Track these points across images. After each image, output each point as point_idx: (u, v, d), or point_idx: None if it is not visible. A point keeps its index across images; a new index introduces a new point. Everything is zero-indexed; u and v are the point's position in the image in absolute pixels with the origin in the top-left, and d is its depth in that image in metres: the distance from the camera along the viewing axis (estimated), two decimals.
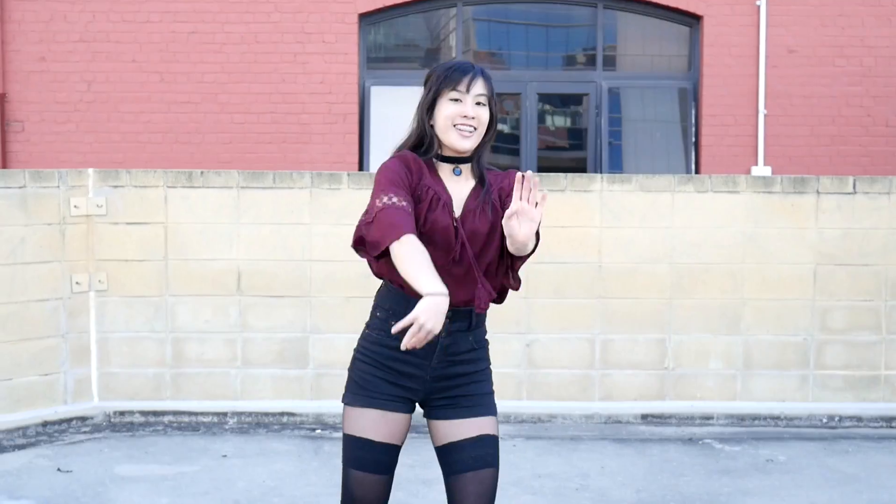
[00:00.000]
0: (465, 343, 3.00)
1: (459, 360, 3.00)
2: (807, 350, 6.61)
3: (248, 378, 6.52)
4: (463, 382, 3.01)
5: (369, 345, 3.01)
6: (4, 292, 6.11)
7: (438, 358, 2.97)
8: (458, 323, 2.97)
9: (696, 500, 4.99)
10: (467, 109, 2.93)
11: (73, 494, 5.01)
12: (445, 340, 2.96)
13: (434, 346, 2.93)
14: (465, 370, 3.01)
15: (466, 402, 3.00)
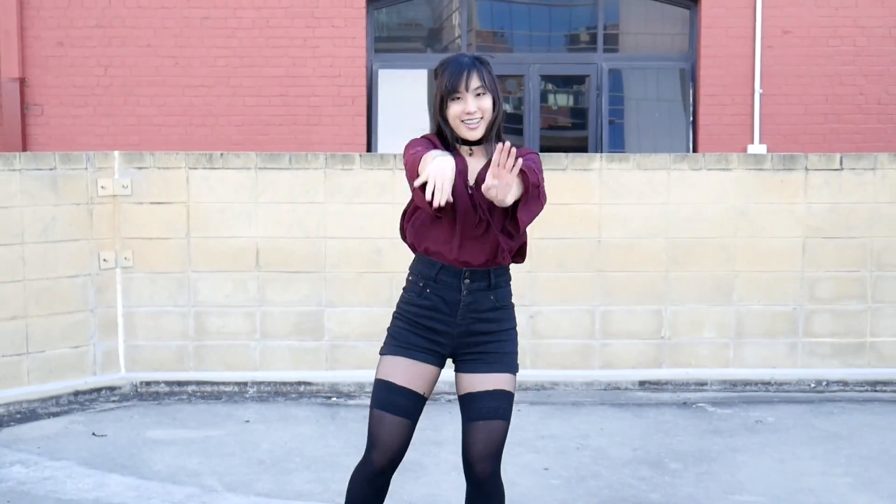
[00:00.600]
0: (487, 301, 3.32)
1: (483, 317, 3.32)
2: (796, 319, 6.96)
3: (267, 350, 6.88)
4: (486, 340, 3.33)
5: (403, 304, 3.37)
6: (37, 268, 6.47)
7: (462, 315, 3.30)
8: (478, 283, 3.30)
9: (689, 457, 5.36)
10: (469, 106, 3.26)
11: (108, 456, 5.39)
12: (467, 298, 3.29)
13: (458, 304, 3.29)
14: (488, 328, 3.33)
15: (489, 358, 3.32)
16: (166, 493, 4.80)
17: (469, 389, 3.31)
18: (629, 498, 4.75)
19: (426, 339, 3.32)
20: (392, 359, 3.33)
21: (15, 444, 5.61)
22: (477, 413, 3.28)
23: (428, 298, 3.29)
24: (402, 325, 3.35)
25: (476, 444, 3.28)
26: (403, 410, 3.28)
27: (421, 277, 3.33)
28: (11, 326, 6.40)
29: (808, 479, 5.02)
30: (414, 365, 3.31)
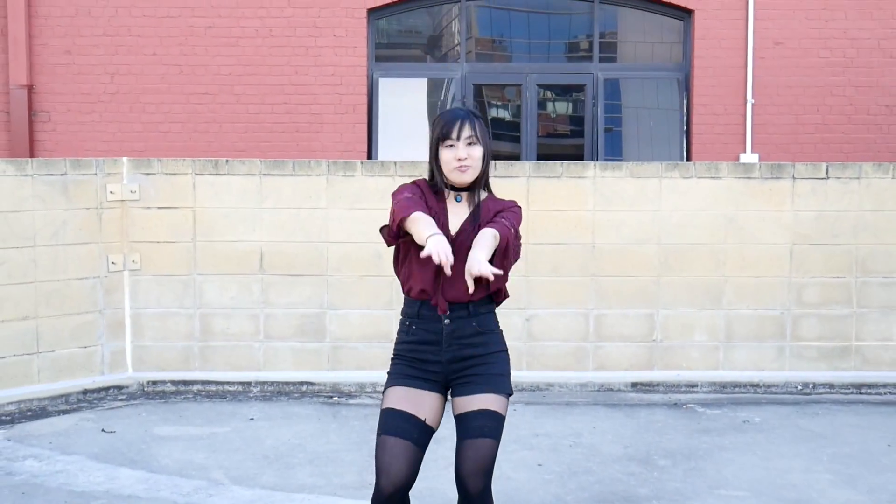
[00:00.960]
0: (469, 327, 3.53)
1: (467, 343, 3.53)
2: (783, 323, 7.17)
3: (270, 350, 7.09)
4: (474, 363, 3.53)
5: (397, 345, 3.62)
6: (48, 270, 6.68)
7: (447, 342, 3.52)
8: (457, 311, 3.52)
9: (678, 454, 5.57)
10: (460, 153, 3.48)
11: (118, 451, 5.59)
12: (449, 327, 3.51)
13: (441, 333, 3.51)
14: (474, 352, 3.53)
15: (477, 380, 3.51)
16: (175, 486, 5.01)
17: (460, 410, 3.50)
18: (619, 492, 4.96)
19: (420, 370, 3.53)
20: (392, 389, 3.53)
21: (27, 439, 5.82)
22: (466, 432, 3.45)
23: (414, 334, 3.53)
24: (399, 362, 3.58)
25: (466, 462, 3.43)
26: (406, 433, 3.41)
27: (407, 317, 3.57)
28: (23, 327, 6.61)
29: (791, 475, 5.23)
30: (413, 392, 3.50)
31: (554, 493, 4.93)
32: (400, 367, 3.56)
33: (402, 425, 3.43)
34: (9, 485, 5.02)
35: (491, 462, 3.44)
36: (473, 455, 3.41)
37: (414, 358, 3.54)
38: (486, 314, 3.57)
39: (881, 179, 7.14)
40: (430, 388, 3.52)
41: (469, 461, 3.41)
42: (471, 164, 3.50)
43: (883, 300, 7.16)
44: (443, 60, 11.35)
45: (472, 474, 3.40)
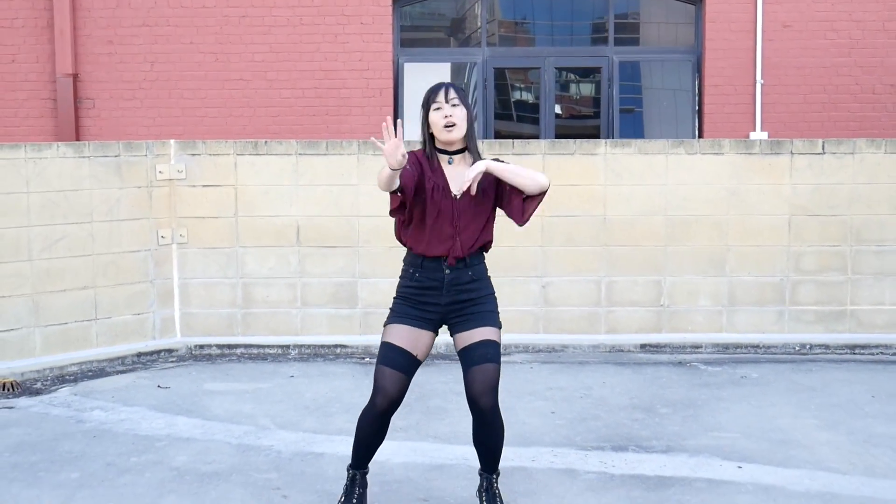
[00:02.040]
0: (465, 276, 4.18)
1: (463, 288, 4.18)
2: (783, 289, 7.71)
3: (307, 316, 7.70)
4: (469, 305, 4.18)
5: (401, 287, 4.26)
6: (104, 244, 7.32)
7: (447, 289, 4.16)
8: (456, 263, 4.16)
9: (678, 404, 6.14)
10: (446, 111, 4.09)
11: (174, 402, 6.22)
12: (449, 276, 4.16)
13: (442, 281, 4.15)
14: (469, 296, 4.18)
15: (474, 318, 4.17)
16: (227, 431, 5.63)
17: (463, 344, 4.16)
18: (622, 434, 5.54)
19: (420, 311, 4.18)
20: (393, 326, 4.19)
21: (91, 394, 6.46)
22: (472, 360, 4.11)
23: (418, 280, 4.17)
24: (401, 302, 4.22)
25: (476, 384, 4.09)
26: (400, 367, 4.11)
27: (410, 266, 4.21)
28: (82, 296, 7.25)
29: (779, 420, 5.78)
30: (410, 331, 4.17)
31: (564, 435, 5.52)
32: (402, 307, 4.19)
33: (399, 359, 4.12)
34: (81, 430, 5.65)
35: (496, 381, 4.09)
36: (482, 378, 4.06)
37: (416, 300, 4.17)
38: (479, 265, 4.24)
39: (874, 154, 7.64)
40: (426, 327, 4.17)
41: (478, 383, 4.06)
42: (457, 122, 4.09)
43: (876, 267, 7.68)
44: (465, 45, 11.90)
45: (483, 393, 4.04)
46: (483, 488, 4.26)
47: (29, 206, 6.98)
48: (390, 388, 4.11)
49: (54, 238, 7.09)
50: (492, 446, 4.18)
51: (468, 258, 4.19)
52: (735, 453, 5.18)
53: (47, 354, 7.09)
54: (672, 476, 4.86)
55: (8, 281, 6.92)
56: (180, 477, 4.87)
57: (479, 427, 4.17)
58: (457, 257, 4.14)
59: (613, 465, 5.04)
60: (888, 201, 7.63)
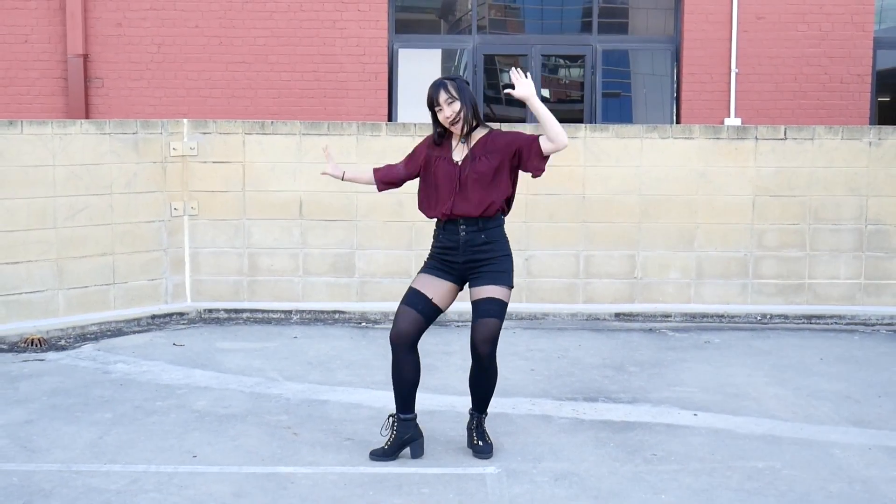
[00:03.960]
0: (479, 238, 4.83)
1: (478, 249, 4.82)
2: (746, 263, 8.38)
3: (308, 284, 8.33)
4: (483, 264, 4.83)
5: (431, 249, 4.97)
6: (122, 215, 7.93)
7: (463, 249, 4.82)
8: (470, 227, 4.82)
9: (645, 364, 6.81)
10: (446, 112, 4.77)
11: (190, 358, 6.87)
12: (465, 238, 4.81)
13: (458, 241, 4.79)
14: (483, 256, 4.83)
15: (486, 276, 4.82)
16: (239, 381, 6.28)
17: (474, 298, 4.83)
18: (594, 388, 6.20)
19: (444, 265, 4.88)
20: (420, 275, 4.92)
21: (113, 350, 7.09)
22: (478, 313, 4.79)
23: (441, 241, 4.89)
24: (430, 259, 4.96)
25: (478, 333, 4.77)
26: (416, 306, 4.81)
27: (436, 228, 4.95)
28: (102, 262, 7.87)
29: (734, 378, 6.46)
30: (432, 279, 4.86)
31: (542, 388, 6.18)
32: (430, 262, 4.92)
33: (415, 300, 4.82)
34: (108, 380, 6.30)
35: (496, 334, 4.76)
36: (483, 329, 4.74)
37: (440, 258, 4.88)
38: (494, 227, 4.85)
39: (831, 140, 8.30)
40: (448, 279, 4.85)
41: (480, 333, 4.74)
42: (454, 118, 4.76)
43: (832, 244, 8.35)
44: (456, 32, 12.51)
45: (482, 342, 4.74)
46: (473, 425, 4.96)
47: (55, 179, 7.59)
48: (402, 323, 4.79)
49: (77, 208, 7.70)
50: (485, 389, 4.88)
51: (481, 221, 4.82)
52: (692, 404, 5.86)
53: (70, 315, 7.71)
54: (636, 422, 5.53)
55: (35, 247, 7.53)
56: (201, 418, 5.52)
57: (476, 371, 4.86)
58: (457, 214, 4.77)
59: (584, 412, 5.70)
60: (844, 184, 8.30)
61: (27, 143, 7.47)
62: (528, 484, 4.57)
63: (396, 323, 4.83)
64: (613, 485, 4.57)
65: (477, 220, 4.82)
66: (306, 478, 4.63)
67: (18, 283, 7.47)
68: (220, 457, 4.91)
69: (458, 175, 4.80)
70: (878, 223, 8.32)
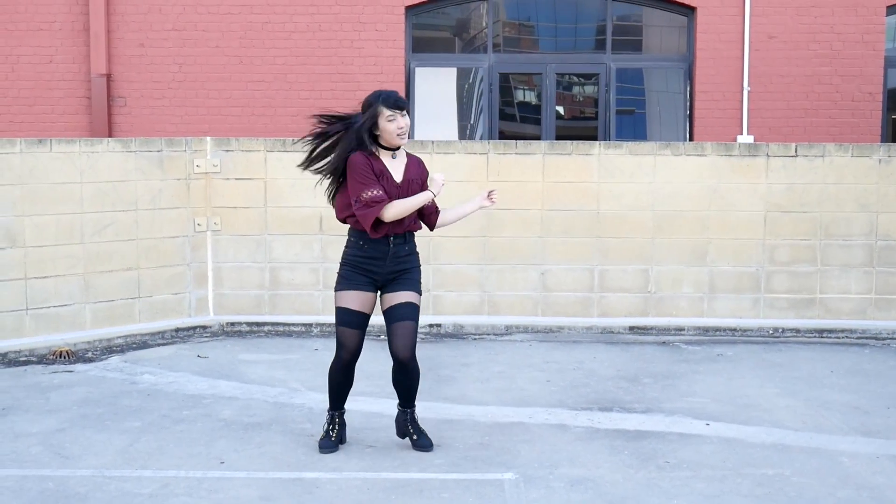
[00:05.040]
0: (403, 250, 5.15)
1: (400, 259, 5.15)
2: (758, 278, 8.52)
3: (328, 298, 8.50)
4: (402, 273, 5.15)
5: (348, 256, 5.20)
6: (147, 230, 8.14)
7: (390, 260, 5.11)
8: (398, 240, 5.12)
9: (659, 375, 6.96)
10: (400, 123, 5.00)
11: (214, 370, 7.05)
12: (392, 250, 5.10)
13: (387, 253, 5.06)
14: (403, 266, 5.16)
15: (403, 284, 5.14)
16: (263, 391, 6.45)
17: (389, 304, 5.15)
18: (608, 398, 6.36)
19: (366, 276, 5.13)
20: (346, 293, 5.15)
21: (139, 362, 7.28)
22: (395, 318, 5.12)
23: (366, 251, 5.10)
24: (350, 270, 5.18)
25: (398, 339, 5.12)
26: (357, 325, 5.11)
27: (359, 239, 5.12)
28: (127, 276, 8.07)
29: (746, 389, 6.60)
30: (361, 295, 5.14)
31: (558, 399, 6.34)
32: (352, 274, 5.12)
33: (355, 320, 5.12)
34: (136, 390, 6.48)
35: (414, 337, 5.12)
36: (402, 332, 5.09)
37: (363, 267, 5.11)
38: (412, 241, 5.22)
39: (842, 157, 8.45)
40: (370, 290, 5.14)
41: (399, 338, 5.09)
42: (406, 131, 5.02)
43: (843, 259, 8.49)
44: (472, 51, 12.72)
45: (402, 347, 5.09)
46: (407, 419, 5.29)
47: (82, 195, 7.80)
48: (351, 344, 5.13)
49: (104, 224, 7.91)
50: (408, 386, 5.23)
51: (406, 235, 5.15)
52: (705, 414, 6.00)
53: (96, 328, 7.90)
54: (649, 431, 5.68)
55: (63, 262, 7.74)
56: (227, 426, 5.70)
57: (399, 372, 5.20)
58: (394, 233, 5.05)
59: (599, 422, 5.85)
60: (854, 200, 8.44)
61: (56, 160, 7.69)
62: (545, 489, 4.72)
63: (346, 345, 5.14)
64: (627, 490, 4.72)
65: (404, 234, 5.14)
66: (331, 483, 4.80)
67: (47, 296, 7.67)
68: (247, 463, 5.08)
69: (399, 196, 5.04)
70: (889, 239, 8.46)
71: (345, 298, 5.11)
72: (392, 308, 5.11)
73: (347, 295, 5.10)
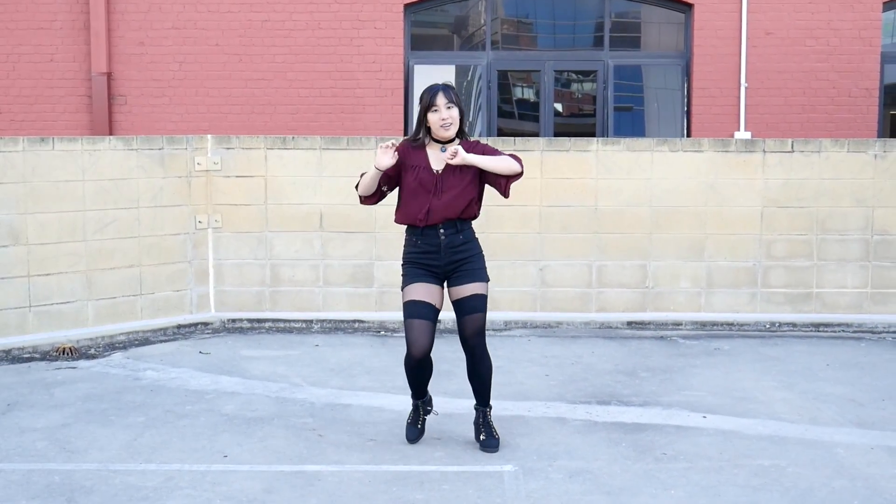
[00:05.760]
0: (457, 240, 5.13)
1: (457, 249, 5.13)
2: (755, 273, 8.59)
3: (328, 294, 8.58)
4: (463, 263, 5.14)
5: (407, 254, 5.21)
6: (149, 227, 8.20)
7: (444, 251, 5.11)
8: (449, 230, 5.10)
9: (657, 369, 7.02)
10: (443, 114, 5.02)
11: (216, 365, 7.11)
12: (445, 241, 5.10)
13: (439, 245, 5.06)
14: (462, 256, 5.14)
15: (467, 275, 5.14)
16: (265, 387, 6.52)
17: (458, 296, 5.15)
18: (606, 392, 6.42)
19: (427, 270, 5.14)
20: (411, 286, 5.13)
21: (142, 358, 7.35)
22: (464, 310, 5.13)
23: (420, 247, 5.11)
24: (409, 266, 5.18)
25: (468, 329, 5.13)
26: (426, 316, 5.08)
27: (413, 235, 5.18)
28: (129, 273, 8.13)
29: (743, 383, 6.67)
30: (425, 286, 5.12)
31: (556, 392, 6.41)
32: (412, 270, 5.13)
33: (423, 311, 5.07)
34: (139, 386, 6.55)
35: (483, 326, 5.13)
36: (472, 324, 5.11)
37: (422, 263, 5.13)
38: (468, 229, 5.20)
39: (838, 153, 8.52)
40: (435, 282, 5.14)
41: (469, 328, 5.11)
42: (452, 122, 5.04)
43: (839, 254, 8.56)
44: (471, 49, 12.78)
45: (472, 335, 5.12)
46: (480, 421, 5.26)
47: (84, 193, 7.87)
48: (421, 337, 5.05)
49: (106, 221, 7.97)
50: (483, 379, 5.20)
51: (458, 224, 5.12)
52: (702, 407, 6.07)
53: (99, 325, 7.97)
54: (647, 423, 5.75)
55: (65, 259, 7.80)
56: (230, 421, 5.76)
57: (471, 363, 5.19)
58: (435, 221, 5.04)
59: (597, 415, 5.92)
60: (850, 195, 8.51)
61: (58, 158, 7.75)
62: (544, 480, 4.79)
63: (416, 339, 5.04)
64: (625, 481, 4.79)
65: (455, 223, 5.12)
66: (332, 475, 4.87)
67: (50, 294, 7.74)
68: (250, 456, 5.15)
69: (437, 183, 5.05)
70: (885, 233, 8.52)
71: (409, 292, 5.08)
72: (460, 301, 5.11)
73: (411, 288, 5.08)
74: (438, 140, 5.11)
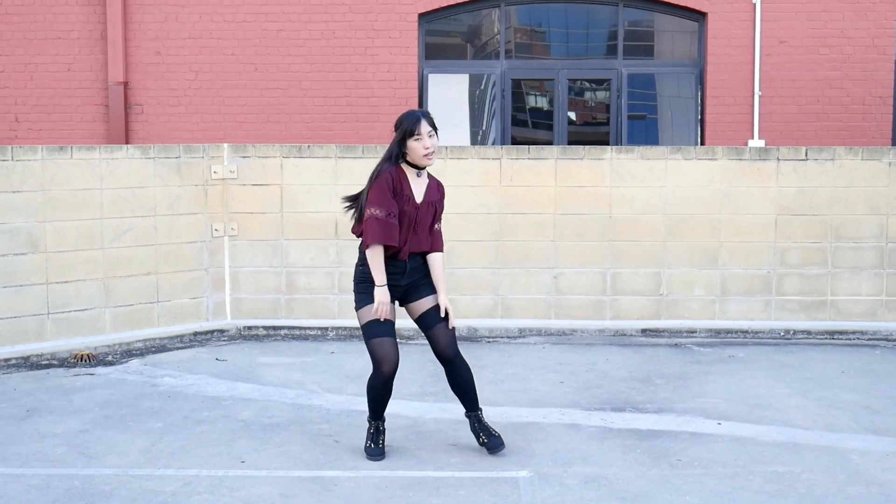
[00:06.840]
0: (418, 262, 5.21)
1: (417, 273, 5.23)
2: (770, 280, 8.60)
3: (344, 302, 8.62)
4: (419, 283, 5.22)
5: (363, 274, 5.17)
6: (166, 235, 8.26)
7: (408, 275, 5.19)
8: (416, 257, 5.20)
9: (671, 376, 7.04)
10: (426, 143, 5.03)
11: (232, 372, 7.16)
12: (410, 265, 5.18)
13: (405, 268, 5.15)
14: (419, 275, 5.23)
15: (423, 288, 5.24)
16: (281, 393, 6.56)
17: (421, 310, 5.25)
18: (621, 399, 6.45)
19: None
20: (369, 306, 5.13)
21: (159, 365, 7.40)
22: (432, 322, 5.22)
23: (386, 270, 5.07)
24: (367, 285, 5.16)
25: (442, 340, 5.21)
26: (391, 333, 5.16)
27: None
28: (146, 281, 8.20)
29: (757, 390, 6.68)
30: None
31: (571, 399, 6.43)
32: (368, 289, 5.13)
33: (388, 329, 5.15)
34: (156, 392, 6.60)
35: (454, 334, 5.21)
36: (444, 333, 5.19)
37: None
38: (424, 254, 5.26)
39: (852, 161, 8.53)
40: (392, 301, 5.18)
41: (443, 338, 5.19)
42: (434, 151, 5.05)
43: (853, 262, 8.56)
44: (484, 58, 12.83)
45: (448, 346, 5.19)
46: (475, 426, 5.32)
47: (102, 201, 7.94)
48: (392, 353, 5.14)
49: (123, 229, 8.04)
50: (467, 385, 5.28)
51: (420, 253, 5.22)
52: (716, 413, 6.09)
53: (116, 332, 8.04)
54: (661, 430, 5.77)
55: (83, 266, 7.87)
56: (247, 427, 5.81)
57: (451, 371, 5.26)
58: (411, 252, 5.13)
59: (612, 421, 5.95)
60: (864, 203, 8.52)
61: (76, 167, 7.82)
62: (559, 486, 4.82)
63: (388, 355, 5.10)
64: (640, 487, 4.81)
65: (420, 253, 5.23)
66: (349, 481, 4.91)
67: (68, 301, 7.80)
68: (267, 462, 5.19)
69: (417, 217, 5.13)
70: None
71: (367, 313, 5.12)
72: (424, 315, 5.22)
73: (369, 309, 5.11)
74: (413, 165, 5.13)
